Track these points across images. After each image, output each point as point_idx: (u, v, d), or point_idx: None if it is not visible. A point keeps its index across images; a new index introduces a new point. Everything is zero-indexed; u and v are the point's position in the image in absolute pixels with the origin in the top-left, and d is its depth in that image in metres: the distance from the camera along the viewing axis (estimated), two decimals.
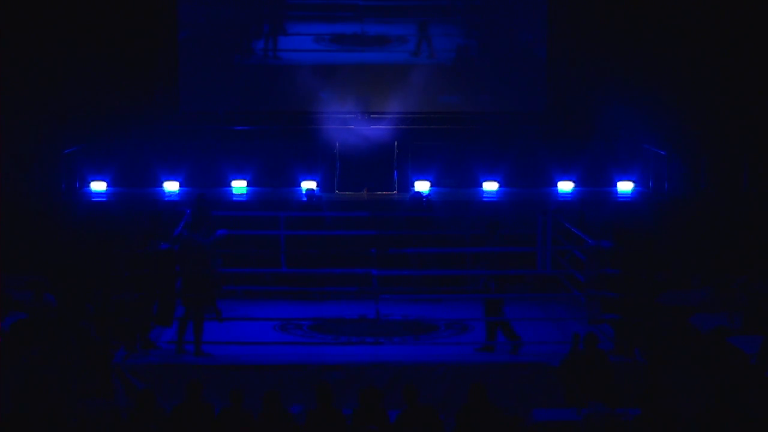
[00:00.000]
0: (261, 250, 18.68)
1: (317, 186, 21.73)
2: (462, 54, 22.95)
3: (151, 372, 15.25)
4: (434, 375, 15.28)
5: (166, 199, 21.13)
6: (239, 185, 21.91)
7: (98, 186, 21.70)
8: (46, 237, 20.42)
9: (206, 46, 22.72)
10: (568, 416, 13.49)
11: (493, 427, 12.77)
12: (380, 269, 16.63)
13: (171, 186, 21.81)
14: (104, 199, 21.26)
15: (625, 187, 21.84)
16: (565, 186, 21.83)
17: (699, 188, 21.82)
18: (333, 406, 12.87)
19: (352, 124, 22.13)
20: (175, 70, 22.57)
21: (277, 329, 17.02)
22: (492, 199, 21.40)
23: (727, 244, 20.60)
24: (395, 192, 21.82)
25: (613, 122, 22.12)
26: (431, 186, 21.87)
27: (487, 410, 12.86)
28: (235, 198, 21.36)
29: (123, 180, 21.89)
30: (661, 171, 21.66)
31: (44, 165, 21.40)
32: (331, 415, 12.77)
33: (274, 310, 18.02)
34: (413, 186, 21.78)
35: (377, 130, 21.94)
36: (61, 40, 21.79)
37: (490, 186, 21.93)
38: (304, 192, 21.15)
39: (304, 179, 21.87)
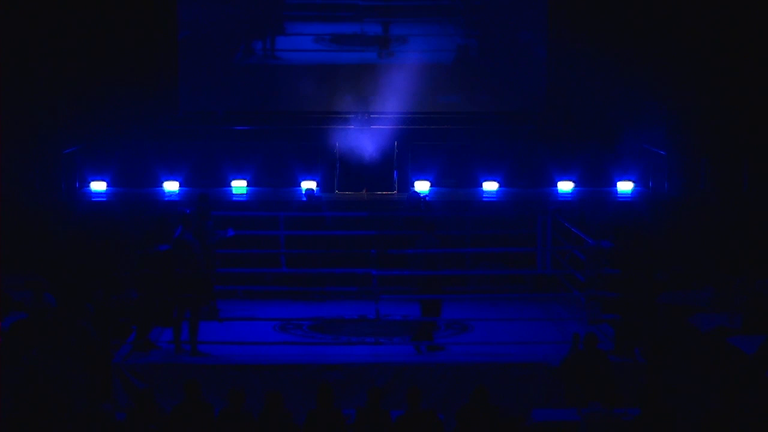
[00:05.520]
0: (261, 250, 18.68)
1: (317, 186, 21.71)
2: (462, 54, 22.94)
3: (151, 372, 15.26)
4: (434, 375, 15.28)
5: (166, 199, 21.12)
6: (239, 185, 21.90)
7: (98, 186, 21.68)
8: (46, 237, 20.42)
9: (206, 46, 22.71)
10: (568, 416, 13.50)
11: (493, 427, 12.77)
12: (380, 269, 16.62)
13: (171, 186, 21.79)
14: (104, 199, 21.24)
15: (625, 187, 21.83)
16: (565, 186, 21.82)
17: (699, 188, 21.81)
18: (333, 406, 12.87)
19: (352, 124, 22.12)
20: (175, 70, 22.56)
21: (277, 329, 17.01)
22: (492, 199, 21.38)
23: (726, 244, 20.59)
24: (395, 192, 21.80)
25: (613, 122, 22.12)
26: (431, 186, 21.85)
27: (487, 410, 12.86)
28: (235, 198, 21.34)
29: (123, 180, 21.87)
30: (661, 171, 21.65)
31: (44, 165, 21.40)
32: (331, 415, 12.77)
33: (274, 310, 18.00)
34: (413, 186, 21.76)
35: (377, 130, 21.93)
36: (61, 41, 21.78)
37: (490, 186, 21.91)
38: (304, 192, 21.14)
39: (304, 179, 21.86)
